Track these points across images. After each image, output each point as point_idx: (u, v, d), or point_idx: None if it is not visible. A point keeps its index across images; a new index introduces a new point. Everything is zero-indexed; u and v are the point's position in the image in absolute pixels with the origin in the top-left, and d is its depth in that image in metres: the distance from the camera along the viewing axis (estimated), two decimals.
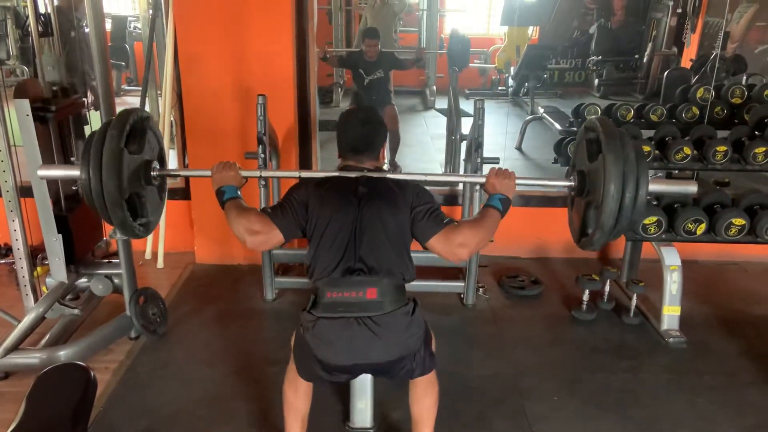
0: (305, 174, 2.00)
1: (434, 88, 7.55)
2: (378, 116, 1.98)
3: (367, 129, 1.92)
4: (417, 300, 1.91)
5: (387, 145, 1.99)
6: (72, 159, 2.87)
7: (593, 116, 1.88)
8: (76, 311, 2.84)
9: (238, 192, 1.94)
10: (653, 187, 1.86)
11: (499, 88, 7.63)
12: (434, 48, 7.49)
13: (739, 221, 2.96)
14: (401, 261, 1.85)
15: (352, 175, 1.89)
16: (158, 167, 2.06)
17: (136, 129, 1.93)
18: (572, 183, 1.96)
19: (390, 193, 1.84)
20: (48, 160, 2.66)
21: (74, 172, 1.96)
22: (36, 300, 2.77)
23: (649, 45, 6.82)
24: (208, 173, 1.97)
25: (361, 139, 1.92)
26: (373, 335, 1.77)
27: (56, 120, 2.72)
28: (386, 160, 2.01)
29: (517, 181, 1.90)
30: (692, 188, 2.00)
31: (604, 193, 1.73)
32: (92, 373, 1.74)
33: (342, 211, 1.81)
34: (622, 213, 1.74)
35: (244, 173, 1.98)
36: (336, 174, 1.91)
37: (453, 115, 3.60)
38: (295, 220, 1.83)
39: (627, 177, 1.72)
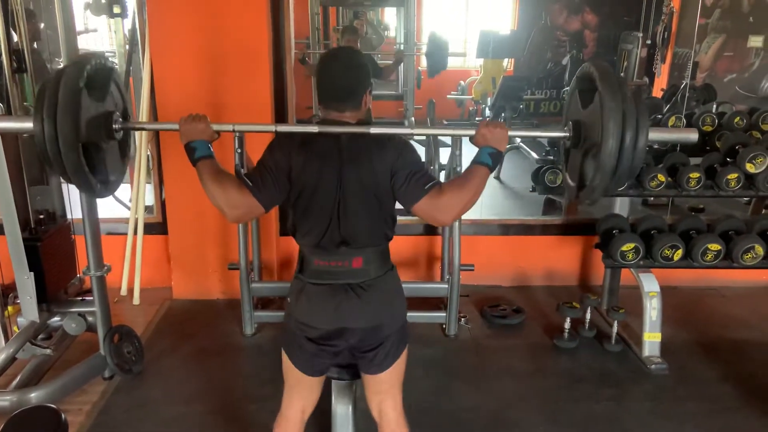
0: (282, 128, 1.88)
1: (413, 119, 7.62)
2: (362, 59, 1.80)
3: (351, 75, 1.75)
4: (395, 266, 1.89)
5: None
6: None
7: (585, 64, 1.86)
8: (48, 351, 2.77)
9: (210, 148, 1.81)
10: (653, 134, 1.78)
11: (477, 118, 7.72)
12: (412, 84, 7.57)
13: (714, 246, 3.00)
14: (383, 225, 1.81)
15: (335, 130, 1.75)
16: (121, 120, 1.96)
17: (98, 76, 1.85)
18: (567, 133, 1.88)
19: (370, 156, 1.72)
20: (19, 191, 2.61)
21: (27, 124, 1.82)
22: (6, 340, 2.70)
23: (622, 75, 6.98)
24: (176, 126, 1.84)
25: (343, 87, 1.76)
26: (360, 300, 1.78)
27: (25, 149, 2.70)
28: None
29: (511, 133, 1.78)
30: (693, 136, 1.92)
31: (603, 131, 1.65)
32: (63, 416, 1.68)
33: (325, 179, 1.72)
34: (623, 153, 1.67)
35: (216, 126, 1.85)
36: (316, 130, 1.76)
37: (431, 146, 3.63)
38: (277, 189, 1.73)
39: (627, 113, 1.66)
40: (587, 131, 1.84)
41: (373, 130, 1.77)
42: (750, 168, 3.07)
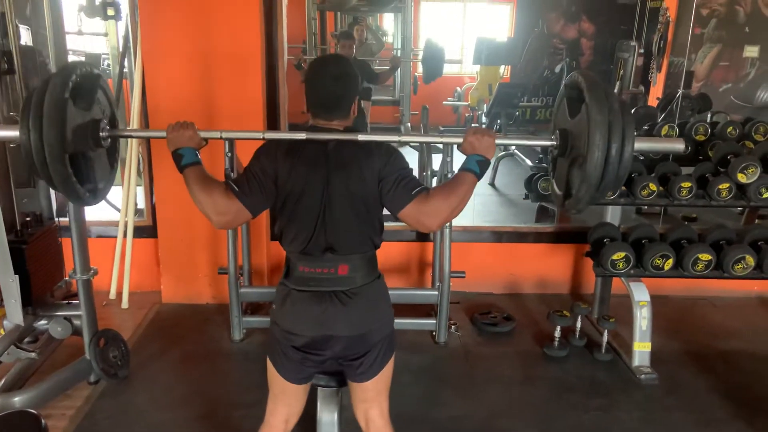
0: (269, 135, 1.91)
1: (409, 125, 7.63)
2: (351, 68, 1.80)
3: (339, 85, 1.76)
4: (382, 274, 1.88)
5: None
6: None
7: (573, 73, 1.83)
8: (32, 355, 2.74)
9: (198, 155, 1.81)
10: (639, 144, 1.78)
11: (472, 125, 7.72)
12: (408, 90, 7.57)
13: (705, 256, 3.00)
14: (370, 231, 1.80)
15: (322, 137, 1.75)
16: (108, 128, 1.95)
17: (84, 84, 1.84)
18: (554, 141, 1.87)
19: (358, 163, 1.72)
20: (5, 193, 2.59)
21: (13, 133, 1.79)
22: None
23: (617, 84, 6.99)
24: (164, 134, 1.83)
25: (331, 97, 1.77)
26: (345, 308, 1.77)
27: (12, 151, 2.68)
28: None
29: (498, 141, 1.79)
30: (679, 146, 1.91)
31: (589, 143, 1.65)
32: (43, 422, 1.67)
33: (311, 185, 1.71)
34: (608, 164, 1.66)
35: (203, 134, 1.84)
36: (303, 136, 1.75)
37: (424, 152, 3.62)
38: (263, 195, 1.73)
39: (612, 126, 1.65)
40: (574, 140, 1.83)
41: (361, 137, 1.77)
42: (741, 178, 3.07)
